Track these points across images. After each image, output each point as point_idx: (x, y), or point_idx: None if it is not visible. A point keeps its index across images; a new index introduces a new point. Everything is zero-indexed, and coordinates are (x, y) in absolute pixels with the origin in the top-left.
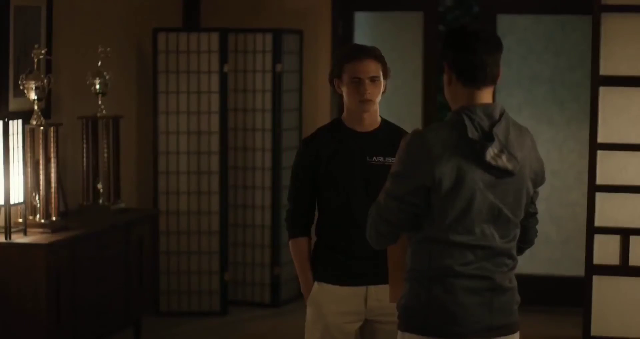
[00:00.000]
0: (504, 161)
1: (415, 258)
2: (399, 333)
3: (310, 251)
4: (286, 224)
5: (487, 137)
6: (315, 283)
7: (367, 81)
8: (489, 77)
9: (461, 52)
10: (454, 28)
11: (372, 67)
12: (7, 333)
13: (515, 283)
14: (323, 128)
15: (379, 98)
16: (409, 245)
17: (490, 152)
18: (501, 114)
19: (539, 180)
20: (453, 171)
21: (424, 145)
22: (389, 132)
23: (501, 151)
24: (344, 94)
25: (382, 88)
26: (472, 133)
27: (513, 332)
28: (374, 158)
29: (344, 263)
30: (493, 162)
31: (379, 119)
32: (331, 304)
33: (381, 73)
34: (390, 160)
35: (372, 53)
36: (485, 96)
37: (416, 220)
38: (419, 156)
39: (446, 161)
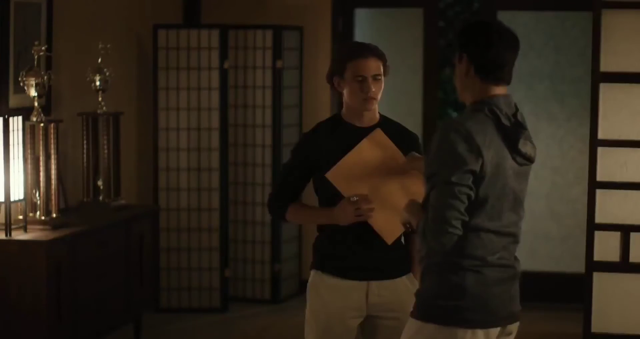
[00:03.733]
0: (528, 148)
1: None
2: (420, 323)
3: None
4: (271, 205)
5: (519, 125)
6: (318, 273)
7: (370, 79)
8: (506, 76)
9: (485, 49)
10: (478, 21)
11: (376, 65)
12: (7, 329)
13: None
14: (323, 123)
15: (379, 96)
16: None
17: (522, 140)
18: (515, 104)
19: None
20: (494, 158)
21: (467, 133)
22: (388, 127)
23: (526, 139)
24: (346, 92)
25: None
26: (506, 121)
27: (519, 319)
28: None
29: (346, 257)
30: (523, 150)
31: (377, 115)
32: (332, 296)
33: (382, 72)
34: None
35: (375, 51)
36: (500, 91)
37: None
38: (464, 144)
39: (487, 148)
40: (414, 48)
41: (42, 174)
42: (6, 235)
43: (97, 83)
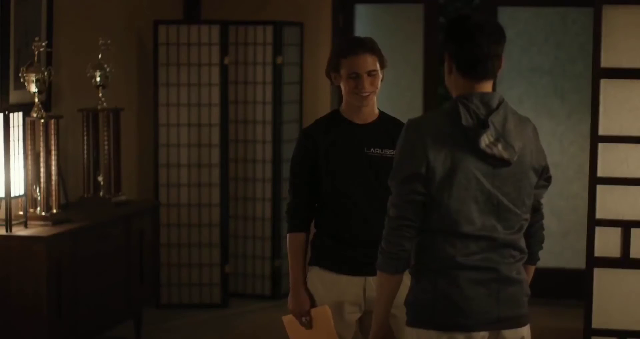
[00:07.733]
0: (499, 149)
1: (420, 250)
2: (407, 329)
3: (306, 247)
4: (287, 216)
5: (482, 125)
6: (315, 268)
7: (364, 76)
8: (490, 71)
9: (463, 44)
10: (457, 17)
11: (369, 61)
12: (8, 325)
13: (523, 275)
14: (321, 119)
15: (377, 90)
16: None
17: (485, 140)
18: (499, 103)
19: (541, 170)
20: (447, 159)
21: (418, 133)
22: (387, 123)
23: (497, 139)
24: (342, 88)
25: (380, 80)
26: (466, 120)
27: (522, 325)
28: (372, 149)
29: (344, 253)
30: (488, 150)
31: (377, 111)
32: (330, 291)
33: (378, 66)
34: (388, 152)
35: (368, 47)
36: (485, 87)
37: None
38: (413, 144)
39: (439, 148)
40: (414, 44)
41: (42, 170)
42: (6, 231)
43: (98, 79)
